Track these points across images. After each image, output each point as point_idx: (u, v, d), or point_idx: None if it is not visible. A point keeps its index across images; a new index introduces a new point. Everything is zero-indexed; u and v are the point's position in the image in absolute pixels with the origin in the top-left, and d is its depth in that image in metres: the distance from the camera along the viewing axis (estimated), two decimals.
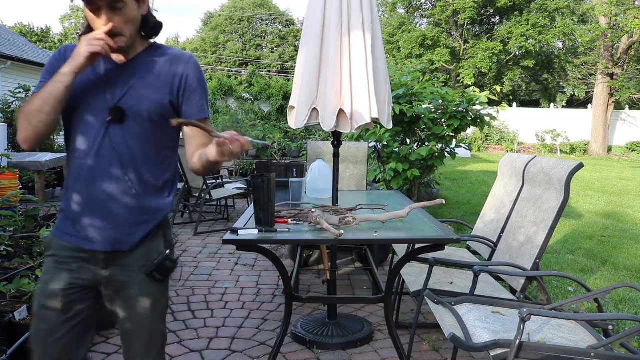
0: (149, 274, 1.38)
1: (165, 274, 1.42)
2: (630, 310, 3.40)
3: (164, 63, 1.39)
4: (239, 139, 1.21)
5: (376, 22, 2.51)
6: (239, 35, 35.29)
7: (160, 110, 1.36)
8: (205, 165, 1.36)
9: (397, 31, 26.36)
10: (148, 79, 1.37)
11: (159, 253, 1.41)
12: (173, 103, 1.39)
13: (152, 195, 1.40)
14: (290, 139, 10.42)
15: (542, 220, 2.44)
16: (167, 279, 1.45)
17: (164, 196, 1.44)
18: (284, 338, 2.40)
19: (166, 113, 1.38)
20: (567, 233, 5.82)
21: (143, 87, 1.35)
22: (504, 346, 1.69)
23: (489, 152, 20.64)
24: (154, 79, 1.37)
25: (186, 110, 1.40)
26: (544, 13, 23.62)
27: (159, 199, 1.42)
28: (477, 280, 2.18)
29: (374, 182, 5.59)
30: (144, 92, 1.35)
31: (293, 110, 2.57)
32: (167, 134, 1.41)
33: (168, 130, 1.41)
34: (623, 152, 20.46)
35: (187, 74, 1.40)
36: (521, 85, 29.49)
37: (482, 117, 4.94)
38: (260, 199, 2.02)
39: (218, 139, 1.21)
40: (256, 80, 13.89)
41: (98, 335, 2.83)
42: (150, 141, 1.37)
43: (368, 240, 2.31)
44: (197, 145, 1.42)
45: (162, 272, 1.40)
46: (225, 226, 5.80)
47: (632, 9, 18.03)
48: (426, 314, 3.22)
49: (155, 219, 1.41)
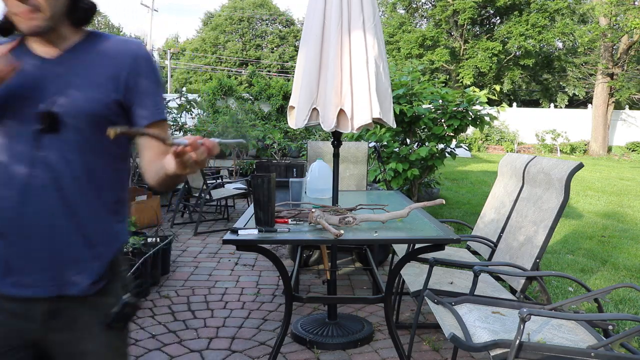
0: (108, 324, 1.12)
1: (126, 321, 1.16)
2: (630, 310, 3.40)
3: (106, 54, 1.12)
4: (205, 143, 0.96)
5: (378, 22, 2.51)
6: (239, 35, 35.30)
7: (104, 113, 1.09)
8: (163, 181, 1.11)
9: (397, 31, 26.38)
10: (86, 75, 1.09)
11: (116, 297, 1.13)
12: (120, 103, 1.12)
13: (102, 221, 1.12)
14: (290, 139, 10.42)
15: (542, 220, 2.44)
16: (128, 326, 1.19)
17: (116, 221, 1.15)
18: (284, 338, 2.40)
19: (112, 116, 1.10)
20: (567, 233, 5.82)
21: (80, 85, 1.08)
22: (504, 346, 1.69)
23: (489, 152, 20.63)
24: (94, 73, 1.10)
25: (138, 111, 1.13)
26: (544, 13, 23.63)
27: (111, 225, 1.13)
28: (477, 280, 2.18)
29: (374, 182, 5.59)
30: (82, 91, 1.08)
31: (293, 110, 2.57)
32: (115, 141, 1.08)
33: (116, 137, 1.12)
34: (623, 152, 20.46)
35: (137, 65, 1.13)
36: (521, 85, 29.49)
37: (482, 117, 4.94)
38: (260, 199, 2.02)
39: (176, 148, 0.95)
40: (256, 80, 13.89)
41: None
42: (95, 152, 1.09)
43: (368, 240, 2.31)
44: (153, 156, 1.15)
45: (122, 319, 1.14)
46: (225, 226, 5.80)
47: (632, 9, 18.03)
48: (426, 314, 3.22)
49: (108, 252, 1.13)
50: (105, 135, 1.04)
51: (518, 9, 24.67)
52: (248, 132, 8.66)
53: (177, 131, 7.98)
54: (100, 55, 1.12)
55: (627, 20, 18.04)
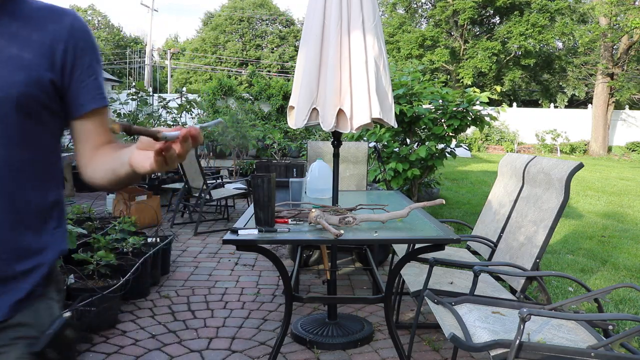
0: (38, 353, 0.88)
1: (65, 350, 0.93)
2: (630, 310, 3.40)
3: (35, 22, 0.91)
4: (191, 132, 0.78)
5: (378, 22, 2.51)
6: (239, 35, 35.31)
7: (36, 95, 0.88)
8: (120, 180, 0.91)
9: (397, 31, 26.39)
10: (12, 48, 0.88)
11: (51, 318, 0.93)
12: (55, 83, 0.91)
13: (32, 228, 0.92)
14: (290, 139, 10.42)
15: (542, 220, 2.44)
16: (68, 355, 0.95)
17: (50, 227, 0.95)
18: (284, 338, 2.40)
19: (45, 99, 0.90)
20: (567, 233, 5.82)
21: (6, 62, 0.87)
22: (504, 346, 1.69)
23: (489, 152, 20.64)
24: (22, 46, 0.88)
25: (78, 94, 0.94)
26: (545, 14, 23.64)
27: (43, 232, 0.94)
28: (477, 280, 2.18)
29: (374, 182, 5.59)
30: (8, 68, 0.87)
31: (293, 110, 2.57)
32: (48, 130, 0.93)
33: (49, 125, 0.93)
34: (623, 152, 20.46)
35: (75, 39, 0.93)
36: (521, 85, 29.50)
37: (482, 117, 4.95)
38: (260, 199, 2.02)
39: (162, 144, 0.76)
40: (256, 80, 13.89)
41: (98, 335, 2.83)
42: (23, 144, 0.89)
43: (368, 240, 2.32)
44: (96, 146, 0.98)
45: (60, 347, 0.91)
46: (225, 226, 5.80)
47: (632, 9, 18.04)
48: (426, 314, 3.22)
49: (40, 265, 0.92)
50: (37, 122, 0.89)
51: (518, 8, 24.67)
52: (248, 132, 8.65)
53: None
54: (29, 23, 0.90)
55: (627, 20, 18.05)
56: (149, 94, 7.73)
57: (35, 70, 0.88)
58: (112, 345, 2.73)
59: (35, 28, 0.91)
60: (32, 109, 0.89)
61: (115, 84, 19.19)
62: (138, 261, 3.19)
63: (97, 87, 0.97)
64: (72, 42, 0.93)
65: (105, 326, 2.89)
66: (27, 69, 0.88)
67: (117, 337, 2.82)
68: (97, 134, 0.98)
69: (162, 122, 7.75)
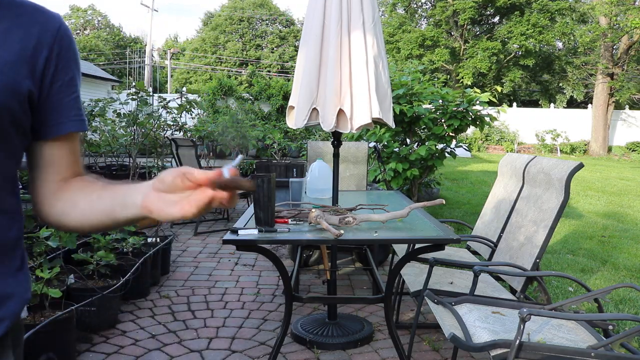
0: None
1: None
2: (630, 310, 3.40)
3: (17, 17, 0.75)
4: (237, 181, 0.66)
5: (378, 22, 2.51)
6: (239, 35, 35.31)
7: (10, 106, 0.71)
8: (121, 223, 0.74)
9: (397, 31, 26.38)
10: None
11: None
12: (32, 95, 0.74)
13: None
14: (290, 139, 10.42)
15: (542, 220, 2.44)
16: None
17: (13, 269, 0.76)
18: (284, 338, 2.40)
19: (19, 112, 0.73)
20: (567, 233, 5.82)
21: None
22: (504, 346, 1.69)
23: (489, 152, 20.64)
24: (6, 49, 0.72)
25: (54, 111, 0.78)
26: (545, 14, 23.64)
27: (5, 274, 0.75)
28: (477, 280, 2.18)
29: (374, 182, 5.59)
30: None
31: (292, 110, 2.57)
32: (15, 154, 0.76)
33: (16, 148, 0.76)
34: (623, 152, 20.46)
35: (61, 45, 0.78)
36: (521, 85, 29.51)
37: (482, 117, 4.94)
38: (260, 199, 2.02)
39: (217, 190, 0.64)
40: (256, 80, 13.90)
41: (98, 335, 2.83)
42: None
43: (368, 240, 2.31)
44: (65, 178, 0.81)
45: None
46: (225, 226, 5.80)
47: (632, 9, 18.04)
48: (426, 314, 3.22)
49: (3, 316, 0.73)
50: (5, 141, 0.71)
51: (519, 8, 24.67)
52: (248, 132, 8.65)
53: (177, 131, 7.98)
54: (5, 18, 0.74)
55: (627, 20, 18.05)
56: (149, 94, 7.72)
57: (12, 76, 0.71)
58: (112, 345, 2.73)
59: (17, 24, 0.74)
60: (3, 123, 0.71)
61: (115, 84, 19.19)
62: (138, 261, 3.19)
63: (77, 107, 0.81)
64: (56, 49, 0.77)
65: (105, 326, 2.89)
66: (7, 76, 0.71)
67: (117, 337, 2.82)
68: (68, 163, 0.81)
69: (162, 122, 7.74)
